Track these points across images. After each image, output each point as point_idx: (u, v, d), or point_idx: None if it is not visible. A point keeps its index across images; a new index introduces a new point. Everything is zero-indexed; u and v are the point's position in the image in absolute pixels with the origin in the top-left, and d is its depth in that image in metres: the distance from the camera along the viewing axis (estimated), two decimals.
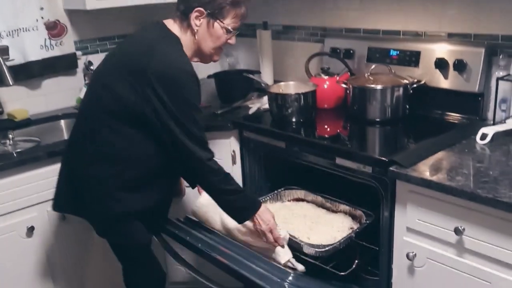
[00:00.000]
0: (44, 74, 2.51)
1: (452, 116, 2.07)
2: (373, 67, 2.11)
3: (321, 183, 2.23)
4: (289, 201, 2.24)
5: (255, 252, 1.78)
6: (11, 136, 2.30)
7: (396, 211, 1.69)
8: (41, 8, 2.44)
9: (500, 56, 1.91)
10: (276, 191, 2.23)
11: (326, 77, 2.29)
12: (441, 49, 2.05)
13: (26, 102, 2.47)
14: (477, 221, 1.47)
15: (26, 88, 2.48)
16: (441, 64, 2.03)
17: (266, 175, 2.30)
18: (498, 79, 1.87)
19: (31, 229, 2.03)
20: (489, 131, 1.80)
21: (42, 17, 2.45)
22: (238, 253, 1.75)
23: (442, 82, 2.05)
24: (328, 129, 2.22)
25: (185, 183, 2.03)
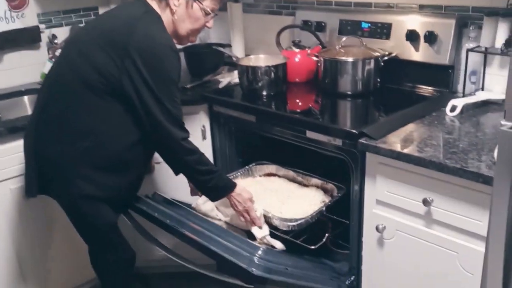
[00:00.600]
0: (5, 48, 2.40)
1: (423, 89, 2.06)
2: (344, 40, 2.09)
3: (293, 158, 2.22)
4: (261, 176, 2.22)
5: (225, 228, 1.76)
6: None
7: (366, 184, 1.68)
8: None
9: (471, 28, 1.90)
10: (247, 167, 2.21)
11: (297, 50, 2.25)
12: (412, 21, 2.03)
13: None
14: (445, 192, 1.47)
15: None
16: (412, 36, 2.01)
17: (237, 150, 2.27)
18: (468, 51, 1.86)
19: None
20: (459, 103, 1.80)
21: None
22: (208, 229, 1.72)
23: (413, 55, 2.04)
24: (299, 103, 2.19)
25: (154, 159, 1.98)
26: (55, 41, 2.52)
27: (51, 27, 2.55)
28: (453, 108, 1.79)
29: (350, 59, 2.00)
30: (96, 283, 2.13)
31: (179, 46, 1.75)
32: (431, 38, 1.96)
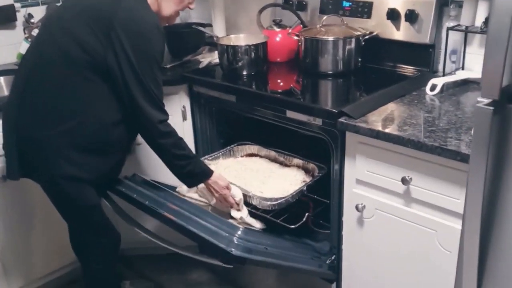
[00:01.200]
0: None
1: (404, 68, 2.05)
2: (325, 19, 2.06)
3: (274, 138, 2.21)
4: (242, 157, 2.21)
5: (204, 208, 1.75)
6: None
7: (346, 163, 1.68)
8: None
9: (451, 6, 1.89)
10: (229, 147, 2.20)
11: (278, 30, 2.23)
12: (393, 0, 2.01)
13: None
14: (424, 170, 1.47)
15: None
16: (393, 15, 1.99)
17: (218, 131, 2.25)
18: (448, 29, 1.85)
19: None
20: (439, 82, 1.79)
21: None
22: (187, 210, 1.70)
23: (394, 34, 2.03)
24: (280, 82, 2.17)
25: (136, 141, 1.95)
26: (32, 21, 2.46)
27: (27, 6, 2.48)
28: (433, 87, 1.79)
29: (331, 38, 1.98)
30: (77, 266, 2.11)
31: None
32: (412, 17, 1.94)
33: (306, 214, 1.90)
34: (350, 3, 2.14)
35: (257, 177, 2.01)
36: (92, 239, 1.86)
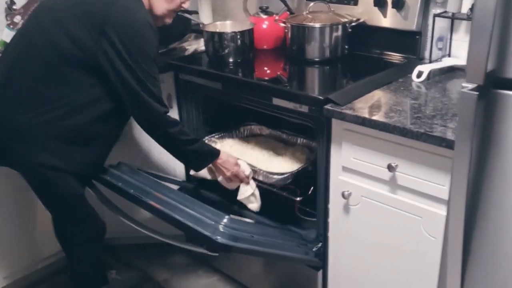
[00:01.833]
0: None
1: (391, 55, 2.04)
2: (312, 5, 2.04)
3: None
4: (248, 136, 2.27)
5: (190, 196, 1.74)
6: None
7: (332, 151, 1.67)
8: None
9: None
10: (235, 128, 2.26)
11: (265, 17, 2.20)
12: None
13: None
14: (410, 157, 1.47)
15: None
16: (380, 2, 1.98)
17: (204, 119, 2.23)
18: (435, 16, 1.85)
19: None
20: (425, 69, 1.79)
21: None
22: (173, 198, 1.70)
23: (381, 21, 2.01)
24: (266, 70, 2.15)
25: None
26: (14, 7, 2.40)
27: None
28: (419, 74, 1.78)
29: (318, 25, 1.96)
30: (62, 256, 2.09)
31: None
32: (399, 4, 1.93)
33: (311, 188, 1.90)
34: None
35: (262, 155, 2.07)
36: (76, 229, 1.84)
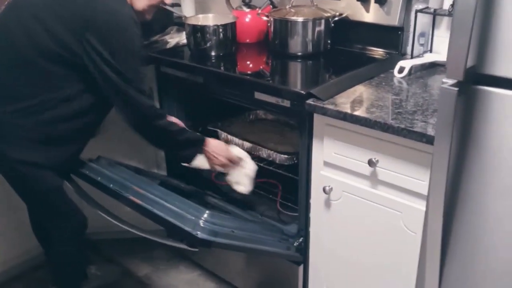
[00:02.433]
0: None
1: (373, 50, 2.04)
2: None
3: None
4: (253, 121, 2.33)
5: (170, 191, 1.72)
6: None
7: (314, 146, 1.67)
8: None
9: None
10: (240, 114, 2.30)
11: (248, 10, 2.19)
12: None
13: None
14: (390, 153, 1.47)
15: None
16: None
17: (186, 113, 2.21)
18: (417, 11, 1.85)
19: None
20: (407, 65, 1.79)
21: None
22: (153, 193, 1.67)
23: (364, 15, 2.01)
24: (248, 64, 2.14)
25: None
26: None
27: None
28: (401, 70, 1.79)
29: (300, 19, 1.95)
30: (42, 251, 2.06)
31: None
32: None
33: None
34: None
35: (271, 138, 2.11)
36: (55, 224, 1.81)
